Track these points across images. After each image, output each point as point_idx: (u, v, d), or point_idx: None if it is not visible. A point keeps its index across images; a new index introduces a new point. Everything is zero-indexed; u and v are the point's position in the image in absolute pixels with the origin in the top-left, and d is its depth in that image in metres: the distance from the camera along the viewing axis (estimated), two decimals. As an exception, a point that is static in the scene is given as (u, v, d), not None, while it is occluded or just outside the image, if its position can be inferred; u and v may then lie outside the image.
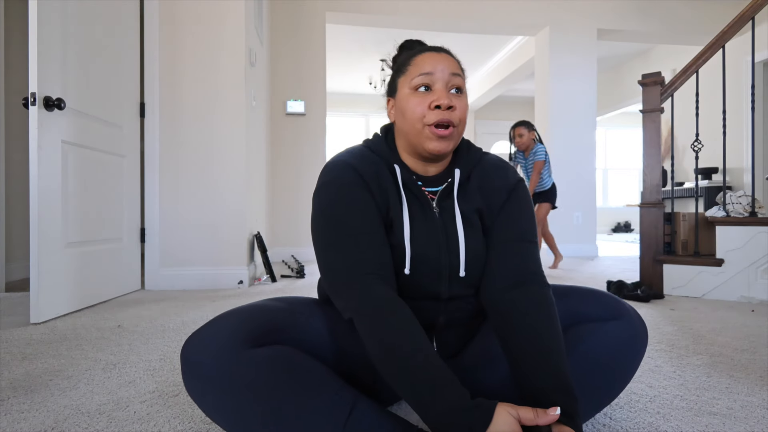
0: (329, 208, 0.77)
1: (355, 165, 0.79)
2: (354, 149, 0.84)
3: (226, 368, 0.66)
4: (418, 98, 0.78)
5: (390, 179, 0.82)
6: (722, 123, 2.45)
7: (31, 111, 1.73)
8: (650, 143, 2.48)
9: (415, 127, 0.78)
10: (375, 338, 0.67)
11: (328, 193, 0.78)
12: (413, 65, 0.80)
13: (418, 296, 0.81)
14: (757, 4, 2.30)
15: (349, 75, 7.16)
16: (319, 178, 0.81)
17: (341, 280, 0.73)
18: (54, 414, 0.95)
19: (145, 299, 2.27)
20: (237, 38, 2.67)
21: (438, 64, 0.79)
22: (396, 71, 0.85)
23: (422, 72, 0.79)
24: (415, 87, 0.79)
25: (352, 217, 0.76)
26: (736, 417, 0.94)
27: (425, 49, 0.83)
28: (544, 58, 4.63)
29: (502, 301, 0.77)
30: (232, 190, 2.68)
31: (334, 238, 0.75)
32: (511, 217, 0.83)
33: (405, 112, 0.80)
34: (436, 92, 0.78)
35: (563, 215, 4.53)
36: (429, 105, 0.77)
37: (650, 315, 1.95)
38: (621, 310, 0.81)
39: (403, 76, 0.82)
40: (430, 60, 0.79)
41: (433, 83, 0.79)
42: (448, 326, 0.86)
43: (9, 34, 2.76)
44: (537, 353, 0.68)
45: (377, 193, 0.79)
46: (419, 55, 0.81)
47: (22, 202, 2.87)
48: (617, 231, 8.90)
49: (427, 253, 0.79)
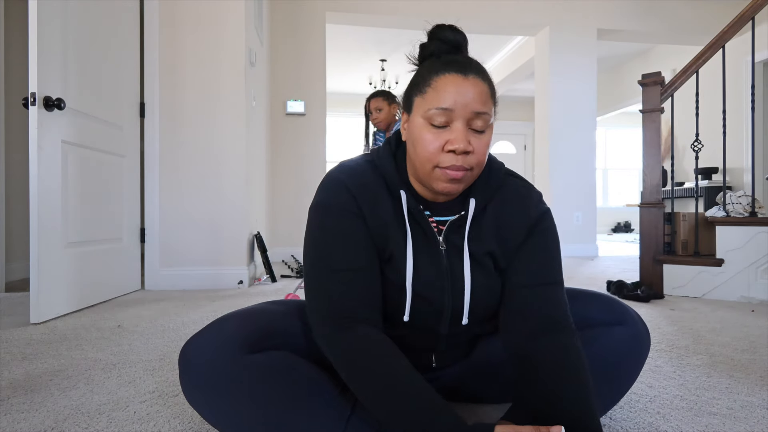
0: (318, 235, 0.72)
1: (352, 188, 0.72)
2: (357, 166, 0.76)
3: (223, 374, 0.66)
4: (432, 134, 0.68)
5: (392, 206, 0.74)
6: (722, 123, 2.45)
7: (31, 111, 1.73)
8: (650, 143, 2.48)
9: (424, 165, 0.70)
10: (359, 386, 0.63)
11: (318, 218, 0.73)
12: (433, 89, 0.68)
13: (414, 331, 0.78)
14: (757, 4, 2.30)
15: (349, 75, 7.15)
16: (316, 193, 0.76)
17: (324, 321, 0.69)
18: (54, 414, 0.95)
19: (145, 299, 2.27)
20: (237, 38, 2.67)
21: (461, 97, 0.66)
22: (413, 85, 0.73)
23: (440, 106, 0.67)
24: (430, 121, 0.68)
25: (339, 250, 0.70)
26: (736, 417, 0.94)
27: (450, 68, 0.68)
28: (544, 58, 4.63)
29: (524, 350, 0.71)
30: (232, 190, 2.68)
31: (318, 270, 0.71)
32: (532, 259, 0.75)
33: (416, 145, 0.70)
34: (453, 131, 0.67)
35: (563, 215, 4.53)
36: (443, 146, 0.68)
37: (650, 315, 1.95)
38: (626, 315, 0.81)
39: (420, 98, 0.70)
40: (453, 88, 0.66)
41: (452, 120, 0.67)
42: (448, 348, 0.83)
43: (9, 34, 2.76)
44: (563, 408, 0.63)
45: (373, 223, 0.72)
46: (442, 77, 0.68)
47: (22, 202, 2.87)
48: (617, 231, 8.90)
49: (429, 297, 0.74)
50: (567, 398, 0.64)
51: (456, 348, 0.84)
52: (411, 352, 0.80)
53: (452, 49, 0.73)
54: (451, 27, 0.74)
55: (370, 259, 0.72)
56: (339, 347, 0.67)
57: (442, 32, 0.74)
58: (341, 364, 0.66)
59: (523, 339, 0.72)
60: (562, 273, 0.77)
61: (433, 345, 0.81)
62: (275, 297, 2.36)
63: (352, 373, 0.65)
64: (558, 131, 4.54)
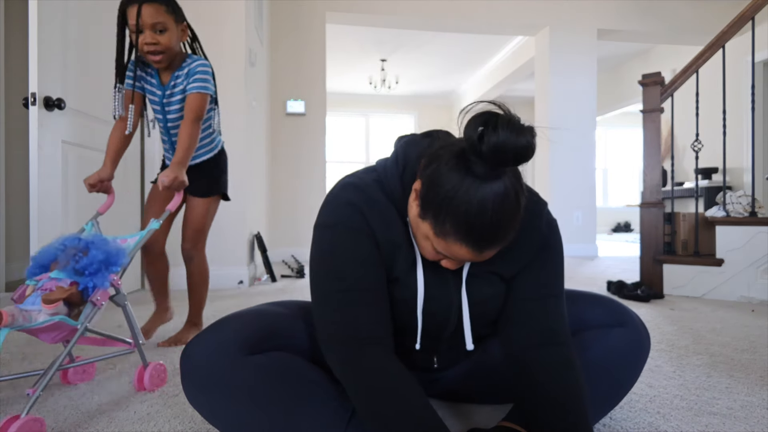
0: (327, 255, 0.70)
1: (363, 208, 0.69)
2: (365, 185, 0.72)
3: (224, 375, 0.66)
4: (431, 247, 0.66)
5: (401, 230, 0.71)
6: (722, 123, 2.45)
7: (31, 111, 1.73)
8: (650, 143, 2.48)
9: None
10: (364, 408, 0.63)
11: (326, 237, 0.71)
12: (441, 238, 0.62)
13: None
14: (757, 4, 2.30)
15: (349, 75, 7.15)
16: (321, 212, 0.73)
17: (334, 344, 0.68)
18: (54, 414, 0.95)
19: (145, 299, 2.27)
20: (237, 38, 2.67)
21: (465, 257, 0.63)
22: (431, 203, 0.62)
23: (443, 253, 0.65)
24: (433, 249, 0.66)
25: (347, 269, 0.68)
26: (736, 417, 0.94)
27: (466, 236, 0.60)
28: (544, 58, 4.62)
29: (522, 359, 0.73)
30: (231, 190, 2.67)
31: (326, 290, 0.69)
32: (539, 273, 0.75)
33: (417, 234, 0.69)
34: (450, 262, 0.68)
35: (563, 215, 4.53)
36: (437, 257, 0.68)
37: (650, 315, 1.95)
38: (626, 317, 0.82)
39: (430, 223, 0.63)
40: (460, 253, 0.62)
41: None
42: (450, 349, 0.84)
43: (9, 34, 2.76)
44: (558, 417, 0.66)
45: (384, 245, 0.71)
46: (455, 242, 0.61)
47: (22, 202, 2.86)
48: (617, 231, 8.90)
49: (436, 317, 0.75)
50: (560, 408, 0.66)
51: (458, 350, 0.84)
52: (413, 354, 0.80)
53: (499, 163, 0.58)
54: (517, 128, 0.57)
55: (378, 279, 0.70)
56: (347, 369, 0.66)
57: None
58: (349, 388, 0.65)
59: (521, 349, 0.73)
60: (564, 284, 0.78)
61: (435, 347, 0.81)
62: (275, 297, 2.36)
63: (359, 397, 0.64)
64: (558, 131, 4.54)
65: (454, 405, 0.98)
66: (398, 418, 0.60)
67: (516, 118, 0.57)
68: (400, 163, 0.72)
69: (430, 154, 0.65)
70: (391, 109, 8.76)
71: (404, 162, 0.72)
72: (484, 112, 0.58)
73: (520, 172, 0.63)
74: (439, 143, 0.66)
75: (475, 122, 0.57)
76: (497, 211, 0.58)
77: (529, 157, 0.57)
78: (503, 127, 0.55)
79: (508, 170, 0.60)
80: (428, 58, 6.43)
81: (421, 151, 0.71)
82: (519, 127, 0.56)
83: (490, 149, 0.55)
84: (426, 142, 0.72)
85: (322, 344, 0.70)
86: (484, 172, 0.58)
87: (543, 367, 0.70)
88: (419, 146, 0.72)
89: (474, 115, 0.58)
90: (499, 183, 0.58)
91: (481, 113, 0.58)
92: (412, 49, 6.07)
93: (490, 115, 0.57)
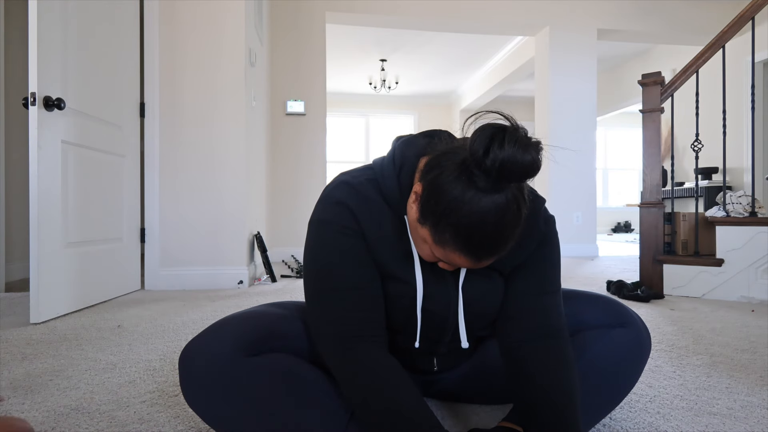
0: (319, 252, 0.71)
1: (352, 205, 0.70)
2: (358, 183, 0.71)
3: (223, 377, 0.66)
4: (428, 250, 0.67)
5: (397, 227, 0.71)
6: (722, 123, 2.45)
7: (31, 111, 1.73)
8: (650, 143, 2.48)
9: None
10: (361, 408, 0.64)
11: (318, 234, 0.71)
12: (439, 246, 0.62)
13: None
14: (757, 4, 2.30)
15: (349, 75, 7.15)
16: (314, 210, 0.74)
17: (328, 342, 0.69)
18: (54, 414, 0.95)
19: (145, 299, 2.27)
20: (237, 38, 2.67)
21: (462, 265, 0.64)
22: (431, 212, 0.61)
23: (440, 259, 0.66)
24: (431, 252, 0.66)
25: (339, 267, 0.69)
26: (736, 417, 0.94)
27: (465, 246, 0.60)
28: (544, 58, 4.63)
29: (518, 353, 0.73)
30: (231, 190, 2.68)
31: (319, 288, 0.70)
32: (536, 269, 0.76)
33: (414, 236, 0.69)
34: (447, 264, 0.68)
35: (563, 215, 4.53)
36: (434, 259, 0.68)
37: (650, 315, 1.95)
38: (627, 317, 0.82)
39: (429, 230, 0.63)
40: (457, 261, 0.63)
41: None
42: (449, 351, 0.83)
43: (9, 34, 2.76)
44: (550, 412, 0.66)
45: (376, 244, 0.70)
46: (454, 251, 0.61)
47: (22, 202, 2.87)
48: (617, 231, 8.90)
49: (434, 316, 0.75)
50: (552, 405, 0.67)
51: (457, 351, 0.84)
52: (413, 356, 0.80)
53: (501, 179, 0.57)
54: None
55: (371, 277, 0.71)
56: (342, 367, 0.67)
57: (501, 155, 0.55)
58: (344, 385, 0.66)
59: (517, 344, 0.73)
60: (560, 279, 0.78)
61: (434, 349, 0.81)
62: (275, 297, 2.36)
63: (354, 394, 0.65)
64: (558, 131, 4.54)
65: (454, 405, 0.98)
66: (390, 412, 0.61)
67: (523, 132, 0.55)
68: (397, 161, 0.71)
69: (433, 158, 0.64)
70: (391, 109, 8.76)
71: (401, 160, 0.71)
72: (492, 125, 0.57)
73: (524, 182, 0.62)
74: (442, 146, 0.65)
75: (481, 135, 0.56)
76: (498, 223, 0.58)
77: (533, 174, 0.56)
78: (510, 143, 0.54)
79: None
80: (428, 58, 6.42)
81: (420, 150, 0.70)
82: (525, 143, 0.54)
83: (495, 165, 0.54)
84: (425, 142, 0.72)
85: (317, 342, 0.71)
86: (486, 186, 0.57)
87: (538, 361, 0.70)
88: (417, 146, 0.72)
89: (480, 127, 0.57)
90: (501, 195, 0.57)
91: (487, 126, 0.56)
92: (412, 49, 6.06)
93: (497, 130, 0.55)
